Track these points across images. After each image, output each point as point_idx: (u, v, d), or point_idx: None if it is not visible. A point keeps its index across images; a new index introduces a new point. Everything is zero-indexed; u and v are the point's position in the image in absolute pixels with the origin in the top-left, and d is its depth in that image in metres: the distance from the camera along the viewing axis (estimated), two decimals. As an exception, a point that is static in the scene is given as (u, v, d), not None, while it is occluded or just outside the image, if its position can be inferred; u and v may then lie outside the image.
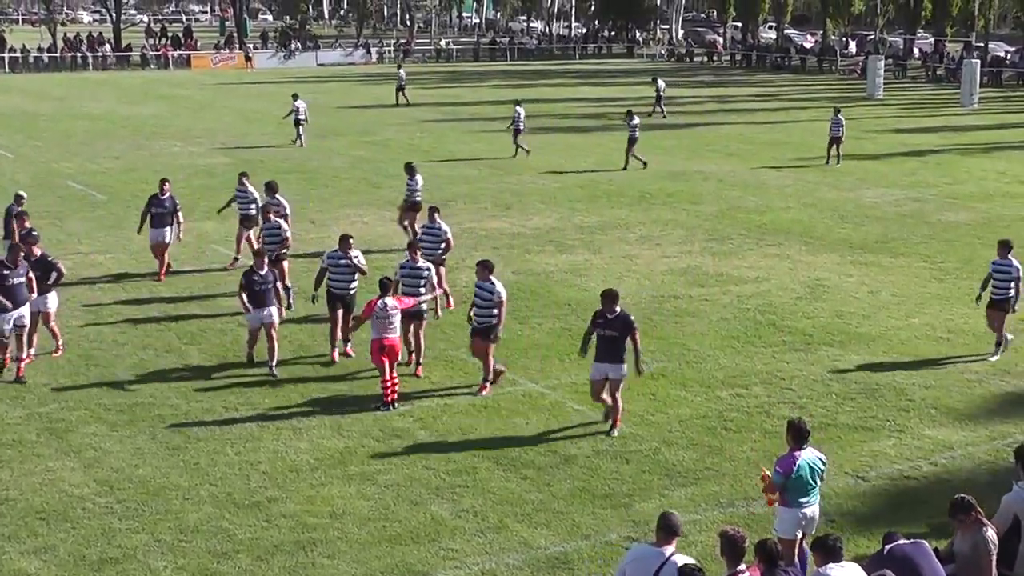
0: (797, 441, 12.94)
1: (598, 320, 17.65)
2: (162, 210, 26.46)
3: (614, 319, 17.53)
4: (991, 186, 39.97)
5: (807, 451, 12.96)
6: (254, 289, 20.54)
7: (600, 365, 17.64)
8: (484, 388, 19.55)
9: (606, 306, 17.54)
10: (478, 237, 31.28)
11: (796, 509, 12.83)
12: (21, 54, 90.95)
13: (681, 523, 11.29)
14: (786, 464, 12.80)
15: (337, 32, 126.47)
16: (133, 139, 50.58)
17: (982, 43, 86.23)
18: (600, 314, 17.64)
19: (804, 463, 12.83)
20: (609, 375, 17.61)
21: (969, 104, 66.09)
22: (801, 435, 12.97)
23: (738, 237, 31.44)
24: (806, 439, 13.01)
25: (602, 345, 17.66)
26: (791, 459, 12.82)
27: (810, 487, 12.92)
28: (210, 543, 14.57)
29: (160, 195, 26.56)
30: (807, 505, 12.93)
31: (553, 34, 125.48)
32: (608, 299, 17.57)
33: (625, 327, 17.51)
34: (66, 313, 23.88)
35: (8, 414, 18.69)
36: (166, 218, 26.54)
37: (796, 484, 12.78)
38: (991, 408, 19.27)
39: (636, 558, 11.10)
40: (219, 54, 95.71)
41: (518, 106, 46.45)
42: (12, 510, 15.44)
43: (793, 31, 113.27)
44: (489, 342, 19.28)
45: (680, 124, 56.86)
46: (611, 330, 17.50)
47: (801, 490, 12.85)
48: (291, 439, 17.73)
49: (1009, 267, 21.17)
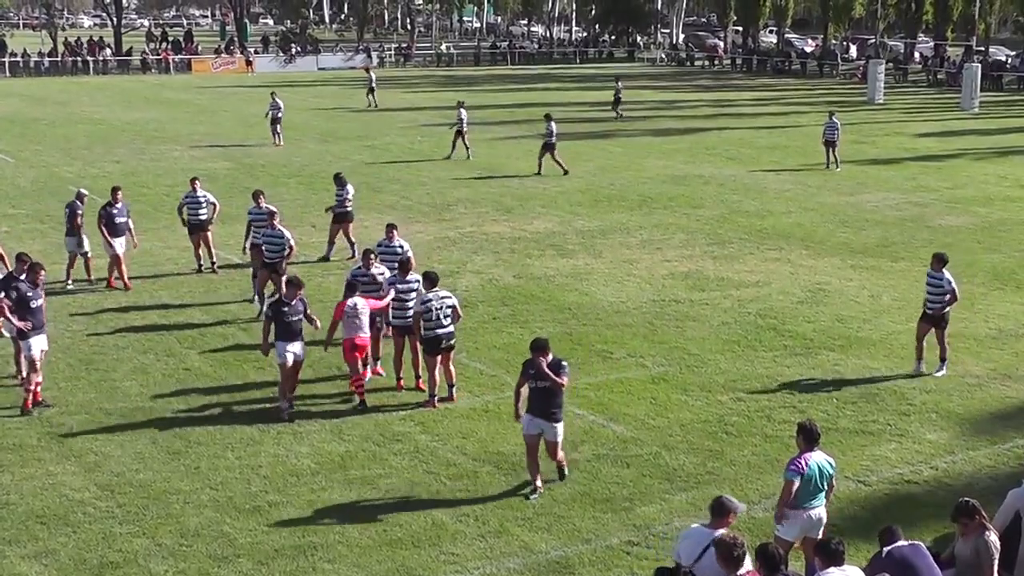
0: (808, 443, 12.94)
1: (529, 371, 15.84)
2: (121, 219, 26.31)
3: (547, 368, 15.75)
4: (992, 190, 39.97)
5: (817, 453, 12.96)
6: (285, 321, 18.65)
7: (534, 419, 15.84)
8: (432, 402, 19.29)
9: (535, 356, 15.79)
10: (479, 241, 31.28)
11: (801, 511, 12.82)
12: (22, 58, 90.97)
13: (735, 506, 11.52)
14: (796, 464, 12.81)
15: (338, 36, 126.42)
16: (134, 143, 50.59)
17: (983, 47, 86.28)
18: (531, 363, 15.88)
19: (814, 464, 12.84)
20: (544, 433, 15.89)
21: (970, 108, 66.11)
22: (811, 436, 12.97)
23: (739, 241, 31.44)
24: (817, 441, 13.01)
25: (535, 397, 15.85)
26: (802, 459, 12.83)
27: (819, 490, 12.92)
28: (211, 547, 14.56)
29: (114, 204, 26.35)
30: (813, 507, 12.92)
31: (554, 38, 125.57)
32: (538, 350, 15.82)
33: (556, 371, 15.70)
34: (66, 317, 23.92)
35: (9, 418, 18.67)
36: (122, 227, 26.32)
37: (805, 486, 12.76)
38: (992, 412, 19.26)
39: (687, 537, 11.50)
40: (220, 58, 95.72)
41: (461, 107, 46.68)
42: (12, 514, 15.43)
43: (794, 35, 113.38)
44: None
45: (681, 128, 56.87)
46: (543, 381, 15.73)
47: (809, 492, 12.83)
48: (292, 443, 17.73)
49: (941, 280, 20.67)
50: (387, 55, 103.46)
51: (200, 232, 27.49)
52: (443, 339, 18.74)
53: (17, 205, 36.33)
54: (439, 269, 26.62)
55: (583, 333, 23.26)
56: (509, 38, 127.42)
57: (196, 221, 27.50)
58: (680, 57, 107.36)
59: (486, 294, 26.06)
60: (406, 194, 38.14)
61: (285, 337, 18.61)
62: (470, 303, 25.12)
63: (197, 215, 27.42)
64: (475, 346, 22.16)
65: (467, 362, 20.80)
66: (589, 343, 22.60)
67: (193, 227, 27.59)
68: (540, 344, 15.91)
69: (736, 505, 11.58)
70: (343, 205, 29.10)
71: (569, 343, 22.49)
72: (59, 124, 57.53)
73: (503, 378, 20.51)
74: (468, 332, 22.40)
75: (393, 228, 22.93)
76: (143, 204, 35.98)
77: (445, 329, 18.78)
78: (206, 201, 27.48)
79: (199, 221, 27.45)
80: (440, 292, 18.96)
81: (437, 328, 18.71)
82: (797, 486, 12.71)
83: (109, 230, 26.02)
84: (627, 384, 20.36)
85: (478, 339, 22.66)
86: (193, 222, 27.53)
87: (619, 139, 52.95)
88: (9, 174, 42.21)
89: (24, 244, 29.22)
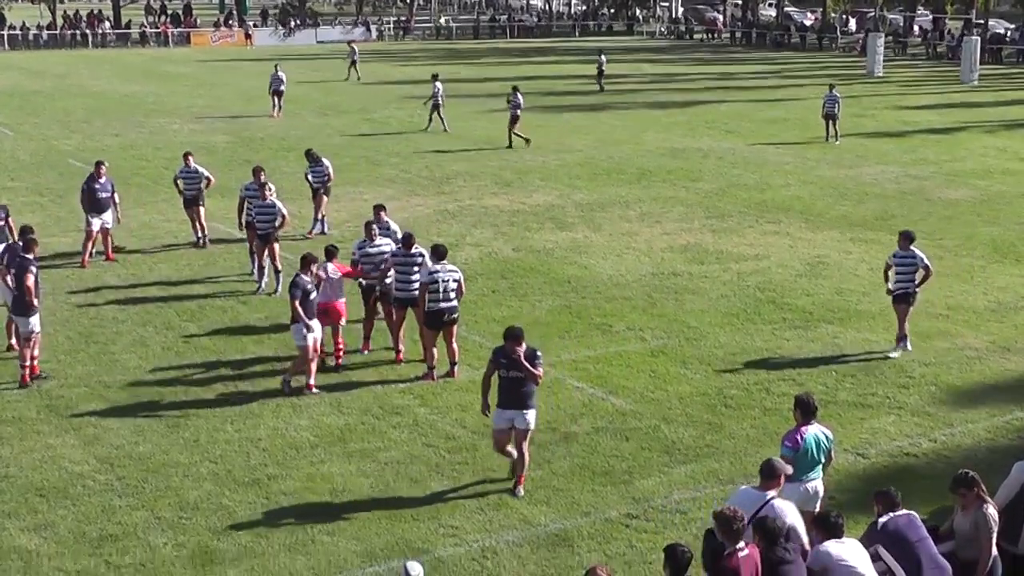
0: (805, 416, 12.98)
1: (500, 359, 15.27)
2: (104, 194, 26.22)
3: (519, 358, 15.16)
4: (991, 163, 39.92)
5: (814, 426, 13.01)
6: (310, 300, 18.48)
7: (504, 411, 15.26)
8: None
9: (510, 344, 15.14)
10: (478, 214, 31.25)
11: (799, 484, 12.81)
12: (21, 31, 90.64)
13: (784, 468, 11.81)
14: (793, 438, 12.86)
15: (337, 10, 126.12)
16: (132, 117, 50.48)
17: (982, 20, 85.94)
18: (502, 352, 15.29)
19: (811, 437, 12.89)
20: (515, 423, 15.25)
21: (969, 81, 65.97)
22: (808, 410, 13.01)
23: (738, 214, 31.41)
24: (814, 414, 13.05)
25: (506, 388, 15.25)
26: (798, 433, 12.88)
27: (815, 462, 12.96)
28: (210, 520, 14.59)
29: (97, 178, 26.24)
30: (810, 480, 12.94)
31: (553, 12, 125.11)
32: (513, 339, 15.14)
33: (532, 361, 15.12)
34: (65, 290, 23.91)
35: (8, 391, 18.69)
36: (106, 202, 26.23)
37: (801, 459, 12.78)
38: (990, 385, 19.28)
39: (738, 499, 11.73)
40: (219, 32, 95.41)
41: (436, 80, 46.52)
42: (12, 487, 15.46)
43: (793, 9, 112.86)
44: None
45: (680, 101, 56.74)
46: (516, 371, 15.12)
47: (806, 465, 12.86)
48: (291, 416, 17.75)
49: (913, 258, 20.32)
50: (386, 28, 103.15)
51: (194, 206, 27.47)
52: (445, 313, 18.71)
53: (16, 178, 36.29)
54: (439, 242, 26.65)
55: (582, 306, 23.26)
56: (508, 11, 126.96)
57: (191, 195, 27.49)
58: (679, 30, 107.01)
59: (485, 267, 26.05)
60: (405, 167, 38.09)
61: (310, 316, 18.43)
62: (469, 276, 25.03)
63: (191, 189, 27.40)
64: (474, 319, 22.16)
65: (466, 335, 20.80)
66: (588, 316, 22.60)
67: (187, 201, 27.59)
68: (515, 333, 15.16)
69: (785, 467, 11.87)
70: (322, 180, 28.73)
71: (568, 316, 22.51)
72: (58, 97, 57.41)
73: (502, 351, 20.53)
74: (467, 305, 22.39)
75: (381, 209, 21.87)
76: (142, 177, 35.99)
77: (449, 303, 18.75)
78: (200, 175, 27.44)
79: (193, 195, 27.44)
80: (448, 266, 18.94)
81: (442, 302, 18.69)
82: (792, 459, 12.73)
83: (92, 205, 26.00)
84: (626, 357, 20.36)
85: (477, 312, 22.66)
86: (188, 196, 27.52)
87: (618, 112, 52.84)
88: (8, 147, 42.16)
89: (24, 217, 29.19)
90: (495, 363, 15.30)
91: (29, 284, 18.69)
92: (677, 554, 10.24)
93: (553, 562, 13.68)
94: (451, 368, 19.35)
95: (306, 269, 18.60)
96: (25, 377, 18.97)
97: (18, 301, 18.90)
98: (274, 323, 21.89)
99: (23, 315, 18.92)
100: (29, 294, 18.71)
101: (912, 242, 20.47)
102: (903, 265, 20.40)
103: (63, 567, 13.53)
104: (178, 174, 27.85)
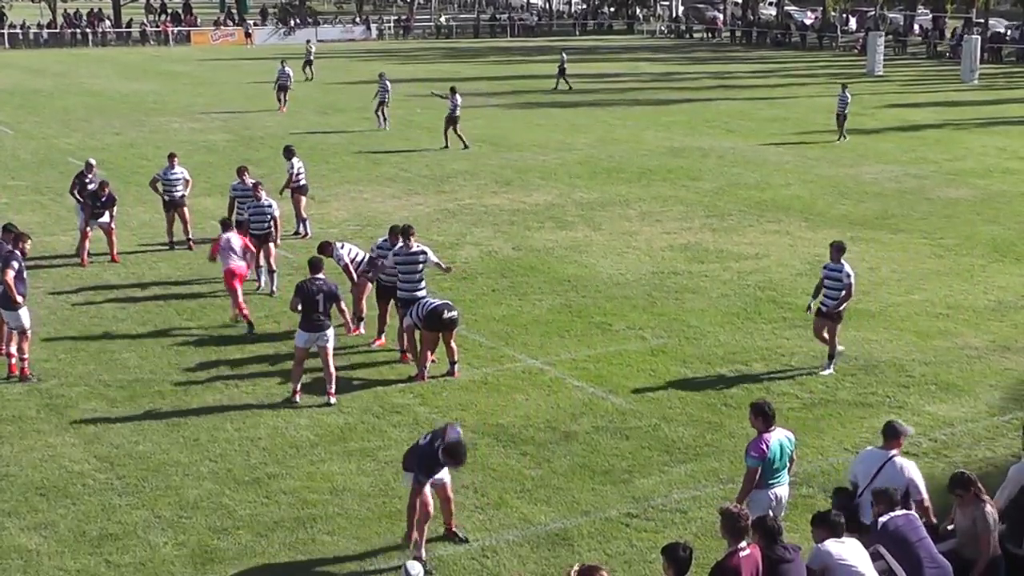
0: (766, 423, 12.84)
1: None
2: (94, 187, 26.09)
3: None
4: (991, 162, 39.91)
5: (776, 431, 12.91)
6: (312, 301, 18.09)
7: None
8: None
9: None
10: (478, 213, 31.25)
11: (766, 490, 12.76)
12: (21, 30, 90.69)
13: (905, 429, 12.84)
14: (759, 448, 12.72)
15: (337, 9, 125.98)
16: (133, 115, 50.48)
17: (982, 19, 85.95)
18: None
19: (775, 444, 12.79)
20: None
21: (969, 80, 65.95)
22: (768, 417, 12.85)
23: (738, 213, 31.41)
24: (773, 419, 12.93)
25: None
26: (762, 442, 12.76)
27: (781, 467, 12.90)
28: (210, 519, 14.59)
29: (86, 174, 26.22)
30: (777, 485, 12.89)
31: (553, 10, 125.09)
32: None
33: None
34: (65, 289, 23.92)
35: (8, 390, 18.69)
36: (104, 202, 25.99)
37: (767, 466, 12.72)
38: (990, 384, 19.27)
39: (862, 459, 12.80)
40: (219, 30, 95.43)
41: (384, 78, 46.62)
42: (12, 486, 15.46)
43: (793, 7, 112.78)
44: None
45: (680, 100, 56.74)
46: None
47: (771, 471, 12.79)
48: (291, 415, 17.74)
49: (840, 272, 19.19)
50: (386, 27, 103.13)
51: (176, 208, 27.13)
52: (443, 311, 18.70)
53: (17, 177, 36.29)
54: (438, 241, 26.81)
55: (582, 305, 23.26)
56: (509, 10, 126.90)
57: (172, 197, 27.09)
58: (679, 29, 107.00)
59: (485, 266, 26.05)
60: (405, 166, 38.08)
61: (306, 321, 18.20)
62: (469, 275, 25.12)
63: (173, 191, 27.07)
64: (474, 318, 22.15)
65: (466, 334, 20.80)
66: (588, 315, 22.60)
67: (168, 204, 27.20)
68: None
69: (906, 428, 12.84)
70: (298, 179, 28.39)
71: (568, 315, 22.51)
72: (58, 96, 57.40)
73: (502, 350, 20.56)
74: (467, 304, 22.41)
75: (409, 233, 19.79)
76: (142, 176, 35.85)
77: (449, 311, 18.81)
78: (183, 177, 27.16)
79: (175, 197, 27.09)
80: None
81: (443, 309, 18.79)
82: (758, 469, 12.68)
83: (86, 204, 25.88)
84: (626, 356, 20.36)
85: (477, 311, 22.66)
86: (169, 198, 27.14)
87: (618, 111, 52.83)
88: (8, 146, 42.16)
89: (24, 216, 29.27)
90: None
91: (8, 279, 18.67)
92: (677, 553, 10.23)
93: (553, 561, 13.68)
94: (451, 367, 19.31)
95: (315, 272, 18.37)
96: (13, 367, 19.04)
97: (2, 296, 18.91)
98: (274, 322, 21.90)
99: (9, 309, 18.94)
100: (10, 289, 18.71)
101: (843, 253, 19.46)
102: (831, 279, 19.36)
103: (63, 566, 13.53)
104: (160, 176, 27.34)
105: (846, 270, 19.29)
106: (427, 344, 19.05)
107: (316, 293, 17.96)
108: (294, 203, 28.36)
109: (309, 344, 18.11)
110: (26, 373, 19.09)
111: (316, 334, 18.02)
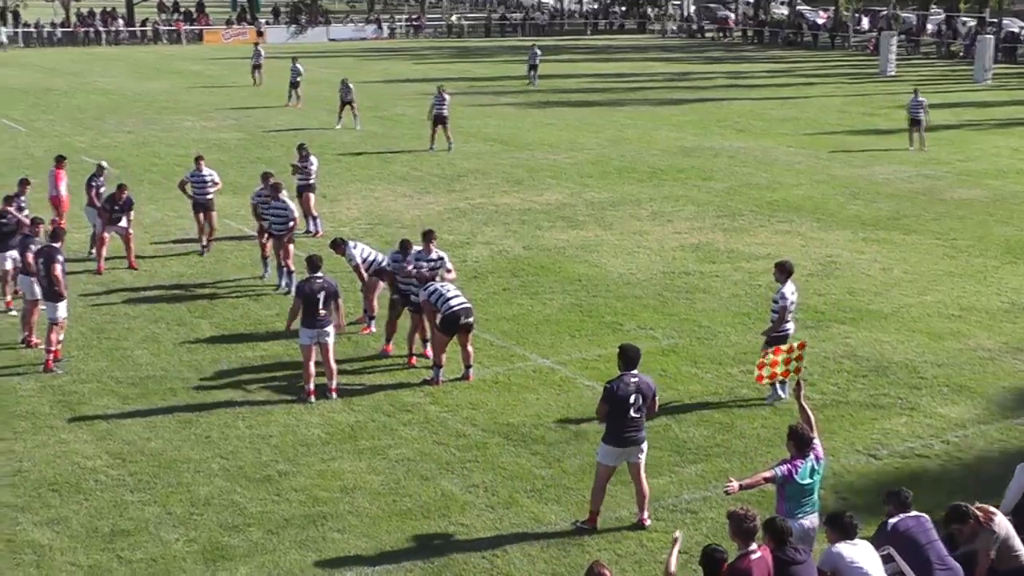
0: (800, 448, 12.14)
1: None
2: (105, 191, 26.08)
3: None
4: (1004, 163, 39.81)
5: (809, 458, 12.11)
6: (313, 300, 18.16)
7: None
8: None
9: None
10: (489, 212, 31.25)
11: (793, 521, 11.71)
12: (35, 29, 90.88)
13: None
14: (789, 472, 12.00)
15: (349, 8, 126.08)
16: (145, 114, 50.57)
17: (996, 19, 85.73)
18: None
19: (804, 472, 12.03)
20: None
21: (982, 80, 65.74)
22: (803, 442, 12.13)
23: (749, 213, 31.38)
24: (809, 444, 12.15)
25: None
26: (794, 467, 12.01)
27: (809, 492, 12.14)
28: (221, 516, 14.63)
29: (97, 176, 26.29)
30: (803, 516, 12.12)
31: (565, 10, 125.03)
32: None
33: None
34: (78, 287, 23.95)
35: (21, 386, 18.77)
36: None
37: (794, 493, 12.06)
38: (1003, 386, 19.22)
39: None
40: (231, 29, 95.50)
41: (346, 81, 47.12)
42: (25, 481, 15.52)
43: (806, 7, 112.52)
44: None
45: (691, 100, 56.69)
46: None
47: (798, 501, 12.11)
48: (302, 413, 17.77)
49: (775, 295, 18.16)
50: (398, 26, 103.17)
51: (205, 211, 27.11)
52: (460, 315, 18.62)
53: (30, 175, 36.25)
54: (449, 240, 26.76)
55: (593, 305, 23.25)
56: (520, 9, 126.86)
57: (202, 200, 26.94)
58: (691, 29, 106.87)
59: (496, 265, 26.06)
60: (416, 165, 38.11)
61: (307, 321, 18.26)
62: (480, 274, 25.14)
63: (204, 194, 27.00)
64: (485, 317, 22.14)
65: (477, 333, 20.74)
66: (599, 315, 22.60)
67: (197, 206, 27.04)
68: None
69: None
70: (308, 177, 28.54)
71: (579, 314, 22.51)
72: (71, 94, 57.51)
73: (512, 349, 20.58)
74: (478, 303, 22.38)
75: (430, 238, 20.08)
76: (155, 174, 36.05)
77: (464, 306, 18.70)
78: (211, 180, 27.06)
79: (205, 200, 27.05)
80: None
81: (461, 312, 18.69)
82: (777, 485, 12.08)
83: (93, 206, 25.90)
84: (637, 356, 20.31)
85: (488, 310, 22.66)
86: (199, 200, 27.06)
87: (629, 111, 52.80)
88: (22, 143, 42.26)
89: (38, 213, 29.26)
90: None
91: (57, 273, 19.41)
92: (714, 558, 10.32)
93: (563, 560, 13.69)
94: (466, 372, 19.20)
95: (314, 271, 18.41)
96: (49, 362, 19.45)
97: (48, 288, 19.58)
98: (286, 320, 21.90)
99: (53, 300, 19.53)
100: (57, 283, 19.40)
101: (789, 276, 18.21)
102: (773, 302, 18.29)
103: (75, 561, 13.58)
104: (188, 178, 27.20)
105: (782, 291, 18.03)
106: (440, 348, 19.00)
107: (317, 292, 18.07)
108: (303, 201, 28.35)
109: (312, 341, 18.19)
110: (49, 366, 19.43)
111: (318, 331, 18.15)
